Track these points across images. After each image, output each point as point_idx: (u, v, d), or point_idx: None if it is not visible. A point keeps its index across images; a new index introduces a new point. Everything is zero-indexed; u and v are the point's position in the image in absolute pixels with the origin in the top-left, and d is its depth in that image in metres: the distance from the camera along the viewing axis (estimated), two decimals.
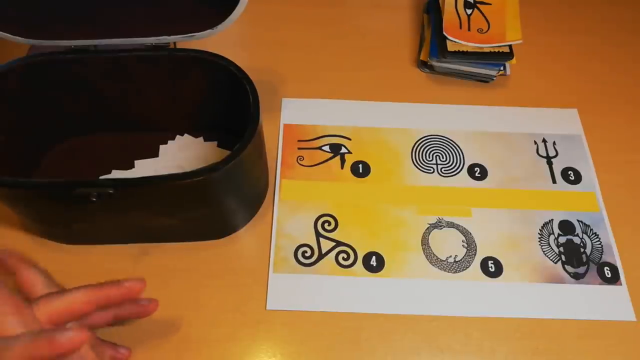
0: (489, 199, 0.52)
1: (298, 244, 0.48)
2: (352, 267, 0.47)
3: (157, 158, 0.52)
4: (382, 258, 0.48)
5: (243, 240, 0.49)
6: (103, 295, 0.37)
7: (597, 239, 0.50)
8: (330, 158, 0.54)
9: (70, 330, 0.32)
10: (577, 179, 0.53)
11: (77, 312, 0.36)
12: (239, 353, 0.43)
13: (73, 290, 0.36)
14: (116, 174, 0.50)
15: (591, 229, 0.50)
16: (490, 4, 0.60)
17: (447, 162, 0.54)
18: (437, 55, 0.58)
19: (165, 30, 0.44)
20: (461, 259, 0.48)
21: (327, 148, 0.54)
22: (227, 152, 0.41)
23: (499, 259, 0.48)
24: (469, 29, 0.58)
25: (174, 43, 0.46)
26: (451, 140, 0.55)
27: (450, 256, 0.48)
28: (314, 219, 0.50)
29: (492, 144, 0.55)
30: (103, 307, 0.37)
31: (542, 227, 0.50)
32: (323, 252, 0.48)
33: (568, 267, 0.48)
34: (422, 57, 0.61)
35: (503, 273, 0.48)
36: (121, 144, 0.52)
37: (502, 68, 0.59)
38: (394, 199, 0.51)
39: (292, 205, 0.50)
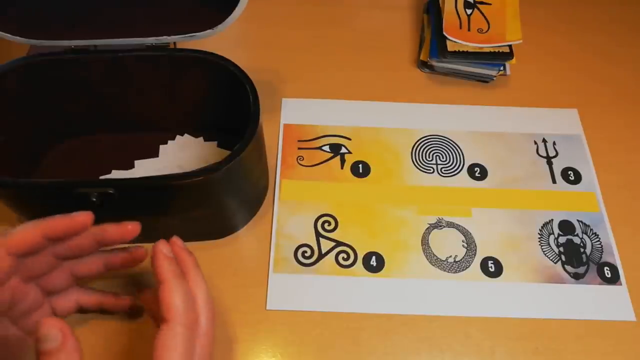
0: (489, 199, 0.52)
1: (298, 244, 0.48)
2: (352, 267, 0.47)
3: (157, 158, 0.52)
4: (382, 258, 0.48)
5: (243, 240, 0.49)
6: (50, 227, 0.35)
7: (597, 239, 0.50)
8: (330, 158, 0.54)
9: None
10: (577, 179, 0.53)
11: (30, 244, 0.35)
12: (239, 353, 0.43)
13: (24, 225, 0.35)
14: (116, 174, 0.50)
15: (591, 229, 0.50)
16: (490, 4, 0.60)
17: (447, 162, 0.54)
18: (437, 55, 0.58)
19: (165, 30, 0.44)
20: (461, 259, 0.48)
21: (327, 148, 0.54)
22: (227, 152, 0.41)
23: (499, 259, 0.48)
24: (469, 29, 0.58)
25: (174, 43, 0.46)
26: (451, 140, 0.55)
27: (450, 256, 0.48)
28: (314, 219, 0.50)
29: (492, 144, 0.55)
30: (54, 239, 0.36)
31: (542, 227, 0.50)
32: (323, 252, 0.48)
33: (568, 267, 0.48)
34: (422, 57, 0.61)
35: (503, 273, 0.48)
36: (121, 144, 0.52)
37: (502, 68, 0.59)
38: (394, 199, 0.51)
39: (292, 205, 0.50)
